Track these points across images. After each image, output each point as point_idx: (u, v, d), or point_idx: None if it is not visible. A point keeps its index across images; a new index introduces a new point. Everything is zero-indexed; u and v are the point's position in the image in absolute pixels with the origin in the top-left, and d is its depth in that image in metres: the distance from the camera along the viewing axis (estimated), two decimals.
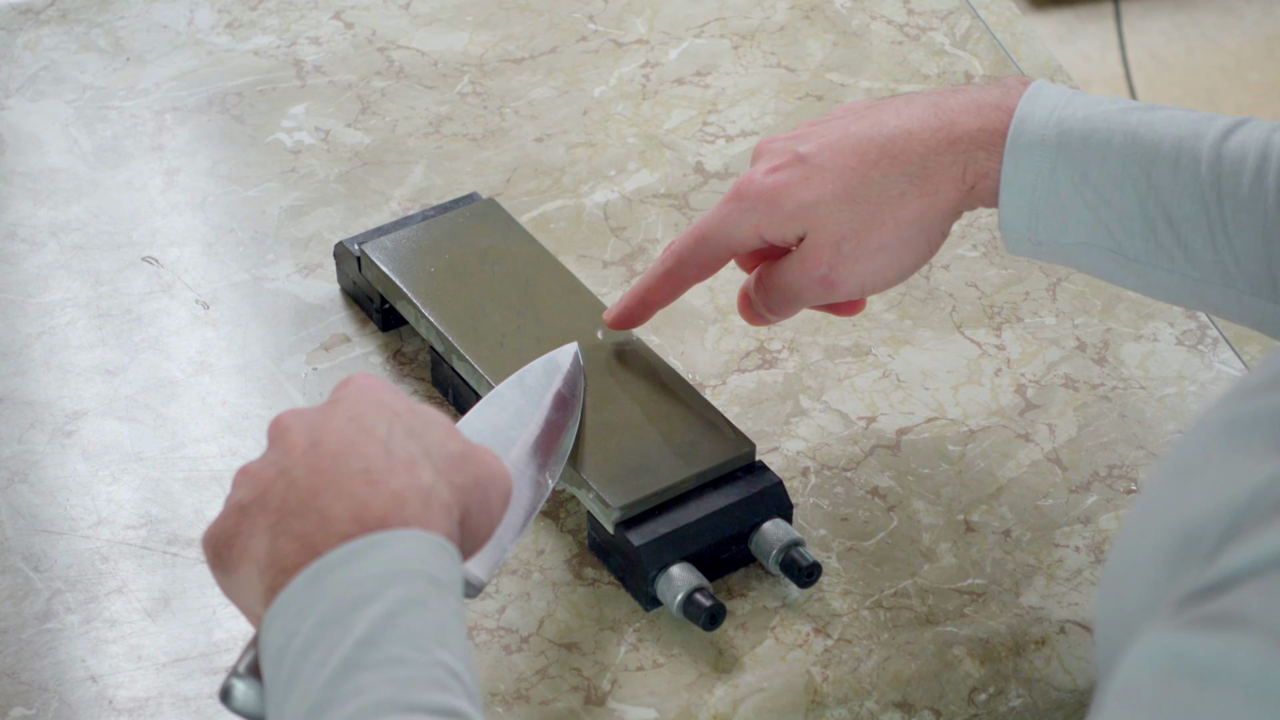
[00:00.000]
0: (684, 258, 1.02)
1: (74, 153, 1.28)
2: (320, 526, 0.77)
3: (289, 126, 1.30)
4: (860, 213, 0.97)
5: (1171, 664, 0.57)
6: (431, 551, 0.77)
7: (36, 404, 1.12)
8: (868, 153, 0.97)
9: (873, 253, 0.98)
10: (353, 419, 0.81)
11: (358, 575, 0.75)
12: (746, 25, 1.39)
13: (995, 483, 1.08)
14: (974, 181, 0.97)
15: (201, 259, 1.21)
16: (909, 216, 0.98)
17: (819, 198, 0.98)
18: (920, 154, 0.97)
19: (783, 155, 1.00)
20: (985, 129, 0.96)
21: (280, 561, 0.77)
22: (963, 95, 0.98)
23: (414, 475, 0.79)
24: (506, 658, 1.00)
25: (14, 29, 1.37)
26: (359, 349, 1.15)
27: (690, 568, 1.00)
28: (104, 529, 1.06)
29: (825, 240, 0.98)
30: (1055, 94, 0.97)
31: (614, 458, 1.02)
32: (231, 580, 0.80)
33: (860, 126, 0.99)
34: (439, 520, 0.79)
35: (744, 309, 1.05)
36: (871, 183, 0.97)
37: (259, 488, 0.80)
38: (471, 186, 1.26)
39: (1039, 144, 0.95)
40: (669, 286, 1.04)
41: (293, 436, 0.81)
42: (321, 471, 0.79)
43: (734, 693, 0.98)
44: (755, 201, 0.99)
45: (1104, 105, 0.96)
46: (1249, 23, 3.02)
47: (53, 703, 0.98)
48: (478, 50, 1.36)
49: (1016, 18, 1.41)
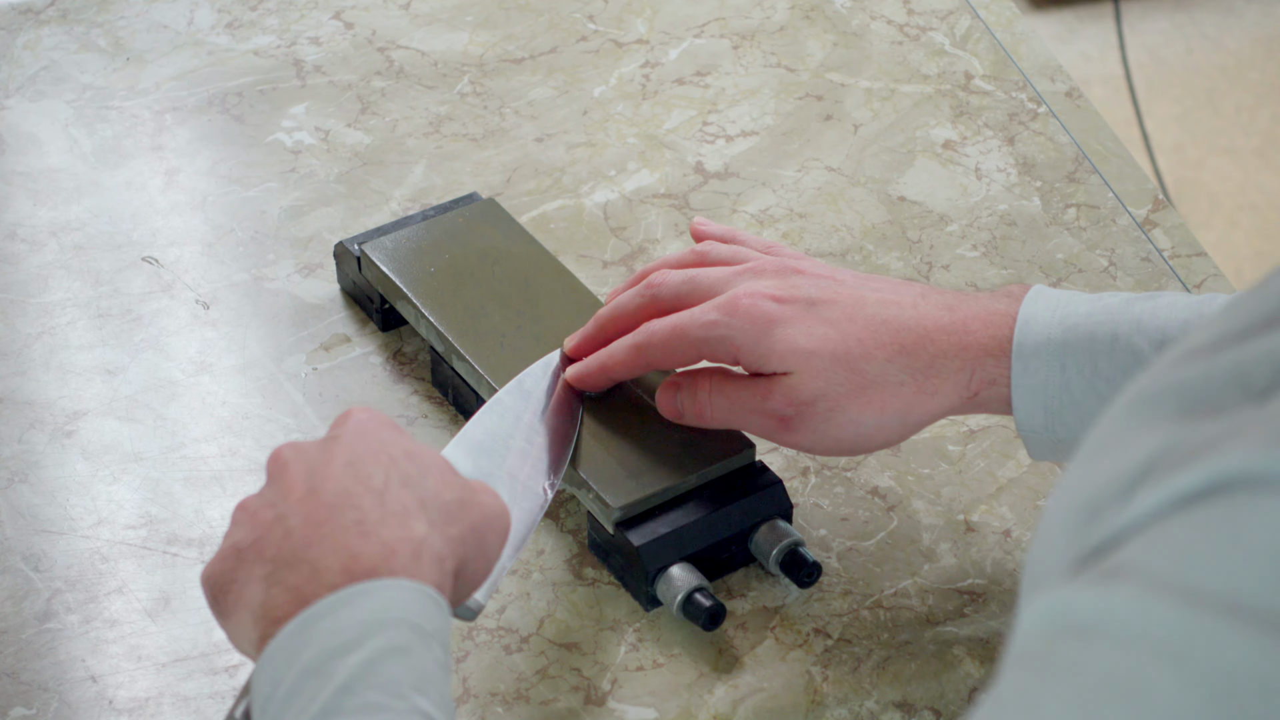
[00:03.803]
0: (655, 344, 1.00)
1: (74, 153, 1.28)
2: (311, 578, 0.79)
3: (289, 126, 1.30)
4: (852, 381, 0.96)
5: (1057, 622, 0.57)
6: (417, 601, 0.79)
7: (36, 404, 1.12)
8: (880, 333, 0.96)
9: (844, 422, 0.97)
10: (350, 465, 0.83)
11: (342, 623, 0.77)
12: (746, 25, 1.39)
13: (995, 483, 1.08)
14: (978, 389, 0.96)
15: (201, 259, 1.21)
16: (898, 406, 0.96)
17: (816, 349, 0.96)
18: (930, 353, 0.96)
19: (788, 289, 0.98)
20: (995, 337, 0.96)
21: (272, 612, 0.79)
22: (976, 302, 0.97)
23: (406, 527, 0.81)
24: (506, 658, 1.00)
25: (14, 29, 1.37)
26: (359, 349, 1.15)
27: (690, 568, 1.00)
28: (104, 529, 1.06)
29: (806, 388, 0.96)
30: (1056, 296, 0.96)
31: (614, 458, 1.02)
32: (229, 624, 0.82)
33: (876, 301, 0.97)
34: (428, 571, 0.80)
35: (666, 394, 1.01)
36: (874, 362, 0.96)
37: (256, 531, 0.82)
38: (471, 186, 1.26)
39: (1045, 344, 0.95)
40: (634, 363, 1.01)
41: (290, 477, 0.83)
42: (317, 524, 0.81)
43: (734, 693, 0.98)
44: (747, 323, 0.97)
45: (1105, 300, 0.96)
46: (1249, 23, 3.02)
47: (53, 703, 0.98)
48: (478, 50, 1.36)
49: (1016, 18, 1.41)
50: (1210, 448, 0.56)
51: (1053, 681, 0.56)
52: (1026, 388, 0.95)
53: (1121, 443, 0.59)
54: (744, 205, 1.25)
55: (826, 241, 1.22)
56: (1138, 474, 0.58)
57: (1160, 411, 0.59)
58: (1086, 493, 0.59)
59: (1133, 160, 1.29)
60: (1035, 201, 1.25)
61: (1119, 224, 1.24)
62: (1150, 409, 0.59)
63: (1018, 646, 0.59)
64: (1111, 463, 0.59)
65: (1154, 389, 0.60)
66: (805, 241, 1.23)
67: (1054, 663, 0.57)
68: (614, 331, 1.03)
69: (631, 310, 1.02)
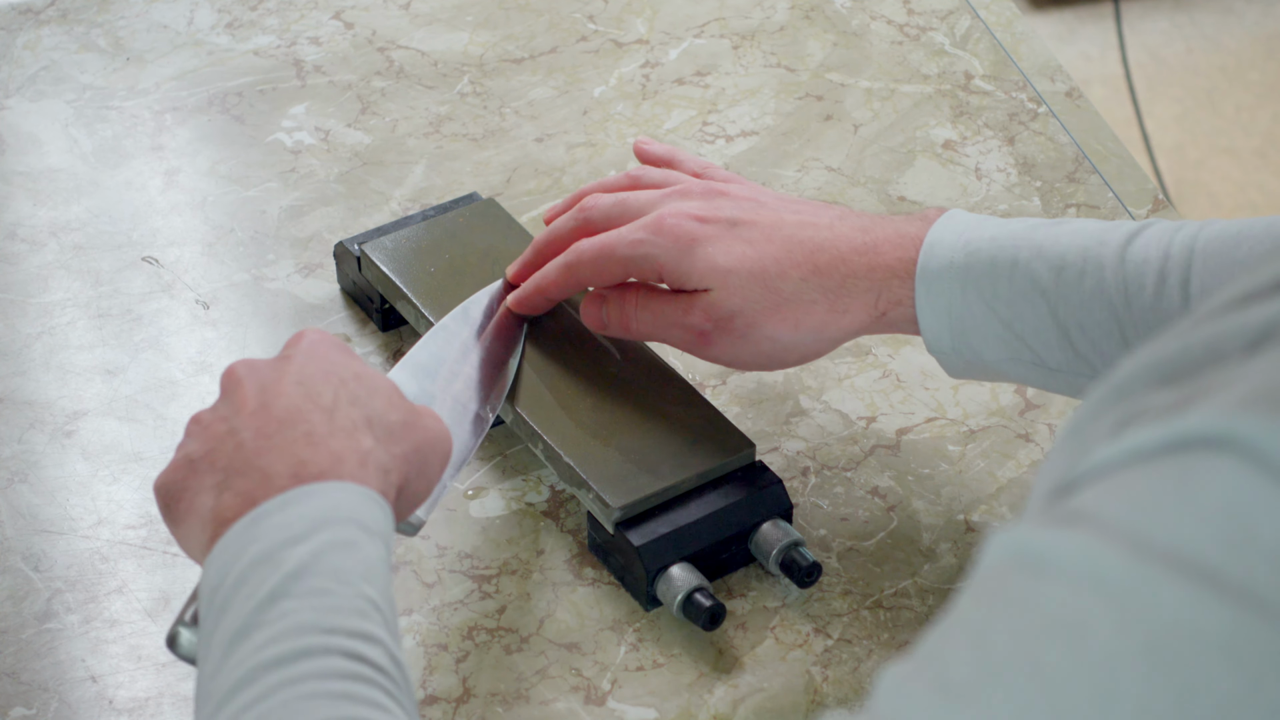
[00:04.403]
0: (584, 261, 1.04)
1: (74, 153, 1.28)
2: (261, 483, 0.82)
3: (289, 126, 1.30)
4: (768, 299, 1.00)
5: (1012, 556, 0.59)
6: (363, 502, 0.82)
7: (36, 404, 1.12)
8: (794, 252, 1.00)
9: (760, 338, 1.01)
10: (301, 383, 0.86)
11: (291, 518, 0.81)
12: (746, 25, 1.39)
13: (995, 483, 1.08)
14: (885, 309, 0.99)
15: (201, 259, 1.21)
16: (811, 323, 1.00)
17: (734, 267, 1.00)
18: (841, 273, 0.99)
19: (711, 209, 1.01)
20: (902, 259, 0.99)
21: (222, 514, 0.82)
22: (889, 225, 1.00)
23: (354, 439, 0.84)
24: (506, 658, 1.00)
25: (14, 29, 1.37)
26: (359, 349, 1.15)
27: (690, 568, 1.00)
28: (104, 529, 1.06)
29: (723, 304, 1.00)
30: (965, 220, 0.99)
31: (614, 458, 1.02)
32: (179, 530, 0.86)
33: (794, 222, 1.01)
34: (374, 479, 0.84)
35: (592, 305, 1.06)
36: (788, 279, 0.99)
37: (208, 443, 0.85)
38: (471, 186, 1.26)
39: (948, 268, 0.98)
40: (566, 282, 1.06)
41: (243, 393, 0.87)
42: (267, 435, 0.84)
43: (734, 693, 0.98)
44: (670, 242, 1.01)
45: (1012, 225, 0.99)
46: (1249, 23, 3.02)
47: (53, 703, 0.98)
48: (478, 50, 1.36)
49: (1016, 18, 1.41)
50: (1175, 408, 0.58)
51: (1000, 612, 0.58)
52: (930, 309, 0.98)
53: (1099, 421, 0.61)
54: None
55: None
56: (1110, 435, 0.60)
57: (1136, 387, 0.60)
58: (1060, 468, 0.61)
59: (1133, 160, 1.29)
60: (1035, 201, 1.25)
61: None
62: (1128, 387, 0.61)
63: (974, 577, 0.61)
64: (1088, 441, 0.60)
65: (1132, 372, 0.61)
66: None
67: (1004, 594, 0.59)
68: (550, 254, 1.07)
69: (565, 233, 1.06)
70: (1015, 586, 0.59)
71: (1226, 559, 0.55)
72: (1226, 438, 0.56)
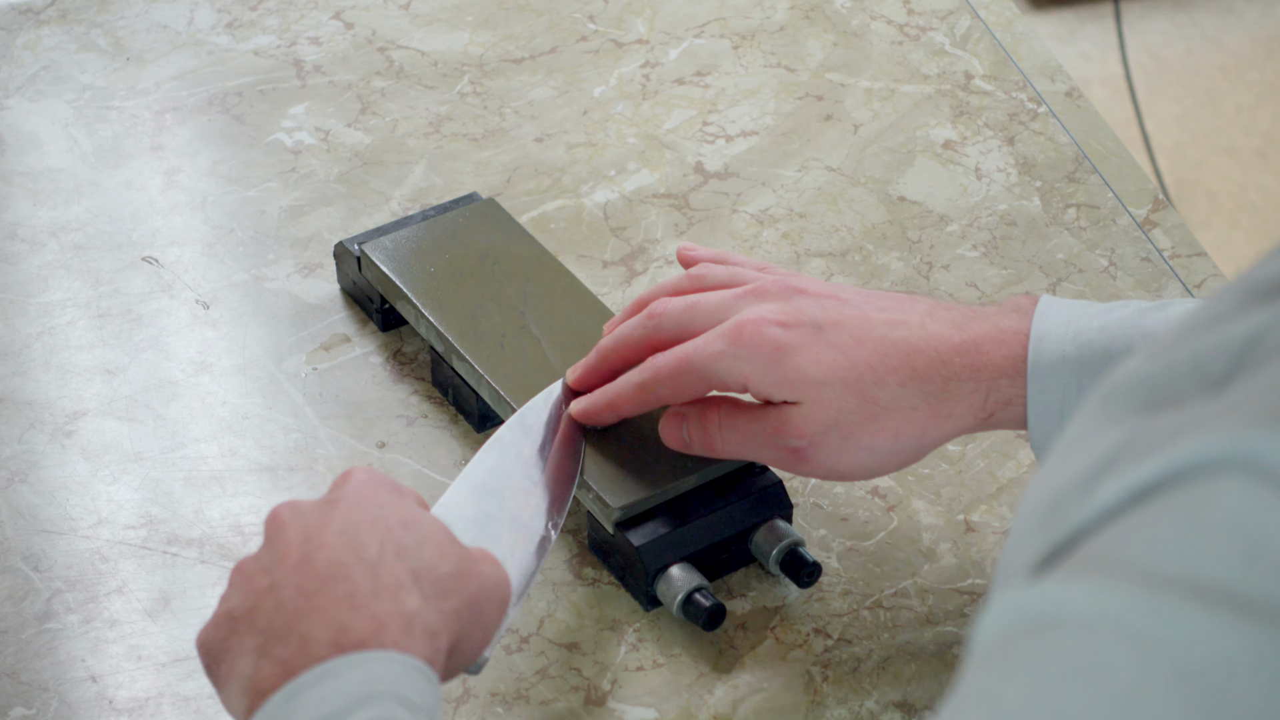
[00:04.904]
0: (662, 380, 0.97)
1: (74, 153, 1.28)
2: (300, 650, 0.79)
3: (289, 126, 1.30)
4: (864, 409, 0.94)
5: (1017, 620, 0.57)
6: (406, 674, 0.78)
7: (36, 404, 1.12)
8: (889, 356, 0.94)
9: (858, 450, 0.94)
10: (345, 532, 0.82)
11: (328, 694, 0.77)
12: (746, 25, 1.39)
13: (995, 483, 1.08)
14: (994, 410, 0.94)
15: (201, 259, 1.21)
16: (913, 431, 0.94)
17: (826, 377, 0.93)
18: (944, 376, 0.94)
19: (792, 313, 0.95)
20: (1009, 356, 0.94)
21: (260, 684, 0.79)
22: (986, 320, 0.95)
23: (398, 601, 0.80)
24: (506, 658, 1.00)
25: (14, 29, 1.37)
26: (359, 349, 1.15)
27: (690, 568, 1.00)
28: (104, 529, 1.06)
29: (817, 418, 0.94)
30: (1067, 309, 0.95)
31: (614, 458, 1.02)
32: (222, 692, 0.82)
33: (883, 321, 0.95)
34: (420, 645, 0.80)
35: (672, 424, 0.99)
36: (885, 387, 0.93)
37: (250, 599, 0.82)
38: (471, 186, 1.26)
39: (1061, 362, 0.93)
40: (641, 400, 0.99)
41: (287, 540, 0.83)
42: (309, 595, 0.80)
43: (734, 693, 0.98)
44: (754, 353, 0.94)
45: (1117, 311, 0.94)
46: (1249, 23, 3.02)
47: (53, 703, 0.98)
48: (478, 50, 1.36)
49: (1016, 18, 1.41)
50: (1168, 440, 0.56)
51: (1012, 674, 0.56)
52: (1043, 406, 0.93)
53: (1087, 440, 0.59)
54: (744, 205, 1.25)
55: (826, 242, 1.22)
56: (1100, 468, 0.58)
57: (1125, 406, 0.59)
58: (1052, 488, 0.60)
59: (1133, 160, 1.29)
60: (1035, 201, 1.25)
61: (1119, 224, 1.24)
62: (1117, 404, 0.59)
63: (977, 647, 0.58)
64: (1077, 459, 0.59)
65: (1120, 385, 0.60)
66: (805, 242, 1.23)
67: (1013, 657, 0.56)
68: (617, 361, 1.00)
69: (635, 341, 0.99)
70: (1024, 646, 0.56)
71: (1242, 577, 0.53)
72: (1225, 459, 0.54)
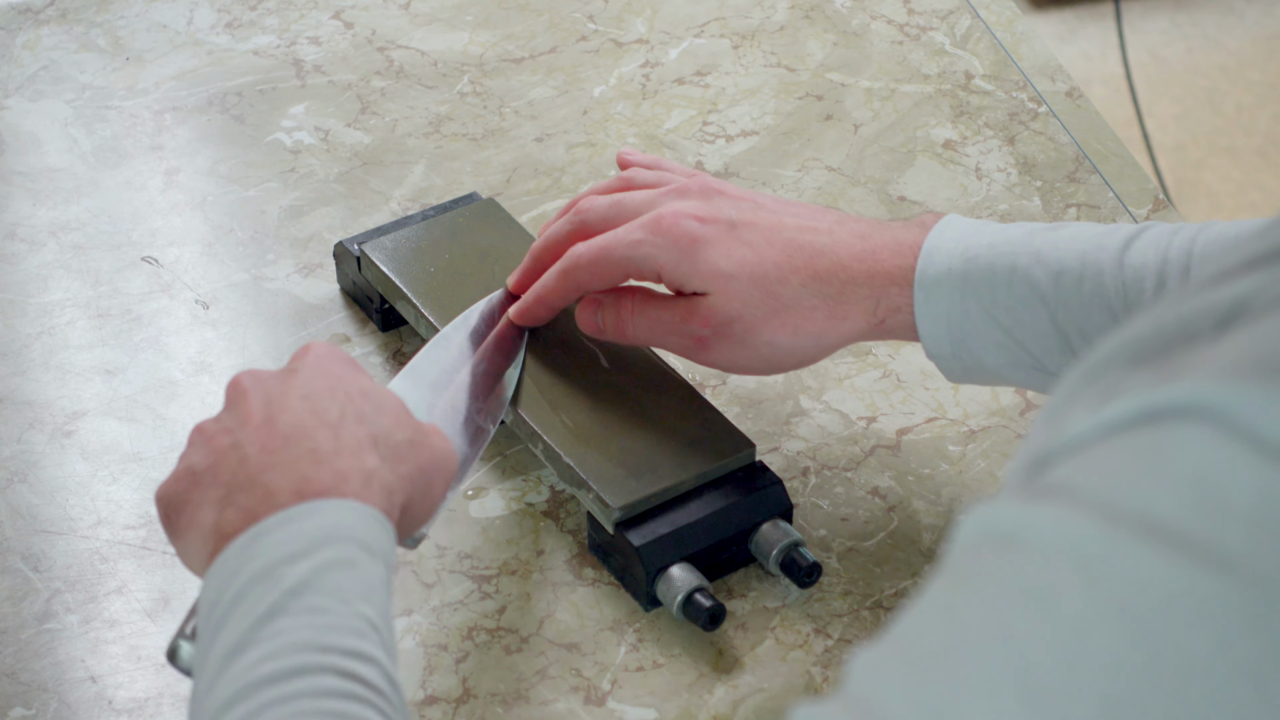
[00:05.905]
0: (581, 265, 1.02)
1: (74, 152, 1.28)
2: (264, 499, 0.82)
3: (289, 126, 1.30)
4: (767, 304, 0.99)
5: (983, 534, 0.60)
6: (364, 521, 0.82)
7: (36, 404, 1.12)
8: (795, 257, 0.99)
9: (759, 344, 1.00)
10: (307, 398, 0.86)
11: (292, 535, 0.80)
12: (746, 25, 1.39)
13: (995, 483, 1.08)
14: (884, 316, 0.99)
15: (201, 259, 1.21)
16: (810, 329, 0.99)
17: (735, 271, 0.99)
18: (841, 280, 0.99)
19: (710, 210, 1.00)
20: (900, 266, 0.99)
21: (224, 529, 0.82)
22: (887, 231, 1.00)
23: (359, 459, 0.84)
24: (506, 658, 1.00)
25: (14, 29, 1.37)
26: (359, 349, 1.15)
27: (690, 568, 1.00)
28: (104, 529, 1.06)
29: (723, 309, 0.99)
30: (963, 225, 0.99)
31: (614, 458, 1.02)
32: (180, 543, 0.85)
33: (794, 226, 1.00)
34: (378, 499, 0.83)
35: (587, 309, 1.04)
36: (789, 285, 0.99)
37: (212, 456, 0.85)
38: (471, 186, 1.26)
39: (946, 275, 0.98)
40: (564, 287, 1.04)
41: (248, 405, 0.86)
42: (272, 451, 0.83)
43: (734, 693, 0.98)
44: (670, 243, 1.00)
45: (1010, 231, 0.99)
46: (1249, 23, 3.02)
47: (52, 703, 0.98)
48: (478, 50, 1.36)
49: (1016, 18, 1.41)
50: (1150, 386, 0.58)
51: (970, 586, 0.59)
52: (929, 316, 0.98)
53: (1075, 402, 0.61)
54: None
55: None
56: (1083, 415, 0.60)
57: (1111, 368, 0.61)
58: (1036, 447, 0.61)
59: (1133, 160, 1.29)
60: (1035, 201, 1.25)
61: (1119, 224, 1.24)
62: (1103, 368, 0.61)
63: (947, 557, 0.61)
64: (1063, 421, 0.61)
65: (1107, 351, 0.62)
66: None
67: (974, 570, 0.59)
68: (548, 260, 1.06)
69: (562, 238, 1.05)
70: (985, 560, 0.59)
71: (1197, 523, 0.55)
72: (1197, 406, 0.56)
